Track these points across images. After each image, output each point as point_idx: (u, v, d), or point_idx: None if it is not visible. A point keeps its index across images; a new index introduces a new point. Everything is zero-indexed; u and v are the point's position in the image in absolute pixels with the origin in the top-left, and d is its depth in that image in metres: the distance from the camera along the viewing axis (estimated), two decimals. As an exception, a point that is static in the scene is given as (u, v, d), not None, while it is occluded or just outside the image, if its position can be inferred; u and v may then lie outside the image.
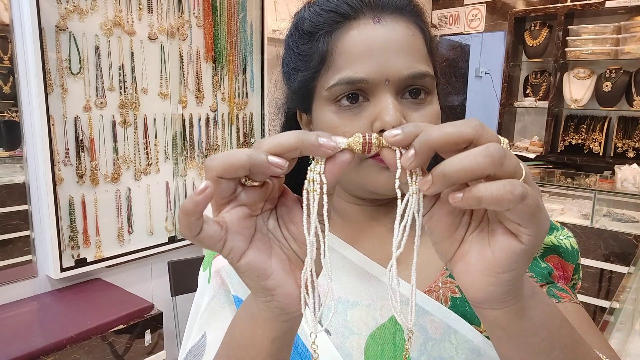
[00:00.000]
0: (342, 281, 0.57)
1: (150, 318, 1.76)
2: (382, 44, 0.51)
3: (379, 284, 0.56)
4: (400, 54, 0.51)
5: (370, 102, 0.51)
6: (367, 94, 0.51)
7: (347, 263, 0.58)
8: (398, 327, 0.54)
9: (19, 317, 1.64)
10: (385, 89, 0.50)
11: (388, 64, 0.50)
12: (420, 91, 0.53)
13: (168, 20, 2.12)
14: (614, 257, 2.50)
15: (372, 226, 0.60)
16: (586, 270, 2.58)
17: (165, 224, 2.23)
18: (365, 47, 0.51)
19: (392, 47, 0.51)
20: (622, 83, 3.44)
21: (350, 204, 0.61)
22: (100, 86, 1.91)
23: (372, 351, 0.53)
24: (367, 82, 0.50)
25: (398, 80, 0.51)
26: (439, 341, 0.52)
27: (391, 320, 0.54)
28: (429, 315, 0.53)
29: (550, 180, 3.23)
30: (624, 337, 1.27)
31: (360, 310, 0.55)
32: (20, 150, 1.74)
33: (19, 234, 1.76)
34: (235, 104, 2.49)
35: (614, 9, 3.39)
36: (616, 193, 2.75)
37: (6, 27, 1.66)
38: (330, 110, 0.53)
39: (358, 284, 0.57)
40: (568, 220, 2.66)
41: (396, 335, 0.53)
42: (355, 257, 0.58)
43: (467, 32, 4.29)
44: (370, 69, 0.50)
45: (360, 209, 0.60)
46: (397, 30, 0.52)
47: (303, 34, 0.56)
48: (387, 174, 0.51)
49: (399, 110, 0.50)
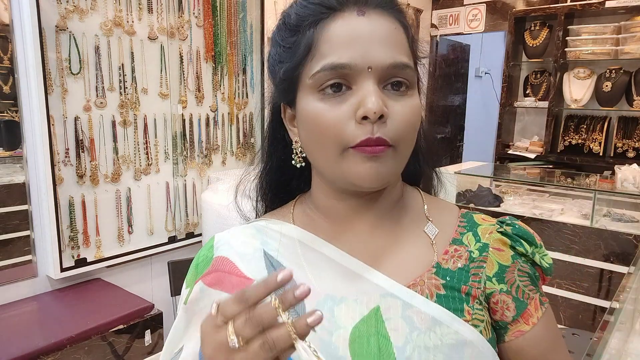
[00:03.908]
0: (325, 279, 0.58)
1: (150, 318, 1.76)
2: (366, 34, 0.52)
3: (361, 279, 0.57)
4: (383, 44, 0.53)
5: (353, 90, 0.52)
6: (350, 81, 0.53)
7: (328, 261, 0.59)
8: (379, 319, 0.55)
9: (19, 317, 1.64)
10: (368, 76, 0.52)
11: (371, 52, 0.52)
12: (401, 84, 0.54)
13: (168, 20, 2.12)
14: (614, 257, 2.50)
15: (355, 222, 0.61)
16: (586, 270, 2.58)
17: (165, 224, 2.23)
18: (350, 36, 0.52)
19: (375, 37, 0.52)
20: (622, 83, 3.44)
21: (333, 200, 0.61)
22: (100, 86, 1.91)
23: (358, 343, 0.54)
24: (350, 68, 0.52)
25: (381, 68, 0.52)
26: (424, 332, 0.54)
27: (372, 312, 0.55)
28: (414, 308, 0.55)
29: (550, 180, 3.23)
30: (624, 337, 1.27)
31: (347, 305, 0.56)
32: (20, 150, 1.74)
33: (19, 234, 1.76)
34: (235, 104, 2.49)
35: (614, 9, 3.39)
36: (616, 193, 2.75)
37: (6, 27, 1.66)
38: (315, 99, 0.54)
39: (341, 280, 0.58)
40: (568, 220, 2.66)
41: (378, 326, 0.55)
42: (335, 255, 0.59)
43: (467, 32, 4.29)
44: (353, 55, 0.52)
45: (344, 205, 0.61)
46: (381, 23, 0.54)
47: (289, 28, 0.57)
48: (370, 163, 0.52)
49: (380, 98, 0.51)
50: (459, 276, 0.58)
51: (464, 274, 0.58)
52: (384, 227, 0.61)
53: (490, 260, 0.60)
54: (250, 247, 0.62)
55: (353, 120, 0.52)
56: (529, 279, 0.60)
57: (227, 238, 0.64)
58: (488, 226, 0.63)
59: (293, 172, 0.64)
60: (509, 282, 0.59)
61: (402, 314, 0.55)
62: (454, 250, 0.60)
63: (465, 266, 0.59)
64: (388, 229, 0.61)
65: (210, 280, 0.61)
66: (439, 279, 0.58)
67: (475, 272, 0.59)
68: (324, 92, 0.53)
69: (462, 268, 0.59)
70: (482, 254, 0.60)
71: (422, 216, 0.64)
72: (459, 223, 0.63)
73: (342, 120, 0.52)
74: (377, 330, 0.55)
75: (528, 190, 3.34)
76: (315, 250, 0.60)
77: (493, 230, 0.62)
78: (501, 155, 4.02)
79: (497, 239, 0.61)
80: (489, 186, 3.20)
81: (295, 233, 0.61)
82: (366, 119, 0.51)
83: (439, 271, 0.58)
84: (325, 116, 0.53)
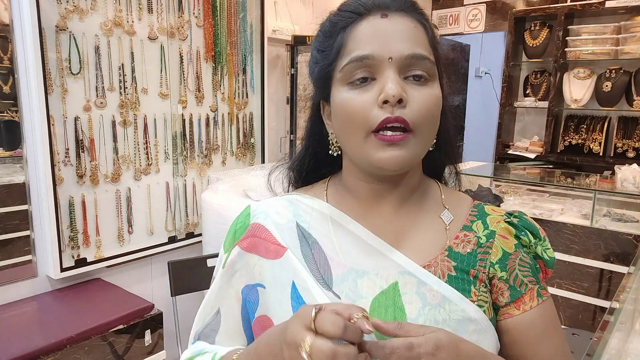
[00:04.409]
0: (351, 253, 0.65)
1: (150, 318, 1.76)
2: (388, 31, 0.60)
3: (383, 257, 0.64)
4: (403, 39, 0.60)
5: (377, 80, 0.60)
6: (374, 73, 0.60)
7: (355, 237, 0.66)
8: (397, 293, 0.62)
9: (19, 317, 1.64)
10: (389, 66, 0.59)
11: (392, 45, 0.59)
12: (421, 76, 0.60)
13: (168, 20, 2.12)
14: (614, 257, 2.50)
15: (380, 204, 0.68)
16: (586, 270, 2.58)
17: (165, 224, 2.23)
18: (373, 33, 0.60)
19: (396, 33, 0.60)
20: (622, 83, 3.44)
21: (360, 181, 0.68)
22: (100, 86, 1.91)
23: (377, 313, 0.61)
24: (373, 59, 0.59)
25: (400, 58, 0.59)
26: (435, 307, 0.61)
27: (391, 287, 0.62)
28: (427, 286, 0.62)
29: (550, 180, 3.23)
30: (624, 337, 1.27)
31: (369, 278, 0.63)
32: (20, 150, 1.74)
33: (19, 234, 1.76)
34: (235, 104, 2.49)
35: (614, 9, 3.39)
36: (616, 193, 2.75)
37: (6, 27, 1.66)
38: (344, 90, 0.61)
39: (365, 256, 0.65)
40: (568, 220, 2.66)
41: (395, 298, 0.62)
42: (361, 233, 0.66)
43: (467, 32, 4.29)
44: (375, 47, 0.59)
45: (369, 187, 0.67)
46: (401, 22, 0.61)
47: (324, 34, 0.65)
48: (390, 150, 0.59)
49: (399, 85, 0.58)
50: (468, 260, 0.65)
51: (472, 258, 0.65)
52: (405, 211, 0.68)
53: (495, 247, 0.66)
54: (284, 218, 0.69)
55: (376, 106, 0.59)
56: (529, 270, 0.66)
57: (263, 207, 0.71)
58: (497, 216, 0.69)
59: (324, 160, 0.73)
60: (509, 269, 0.65)
61: (417, 290, 0.62)
62: (464, 235, 0.67)
63: (474, 251, 0.66)
64: (409, 213, 0.68)
65: (247, 245, 0.69)
66: (450, 261, 0.65)
67: (482, 257, 0.65)
68: (352, 84, 0.61)
69: (471, 253, 0.65)
70: (489, 240, 0.66)
71: (439, 204, 0.70)
72: (471, 212, 0.70)
73: (367, 105, 0.59)
74: (394, 302, 0.62)
75: (528, 190, 3.34)
76: (344, 227, 0.67)
77: (501, 220, 0.68)
78: (501, 155, 4.02)
79: (503, 227, 0.68)
80: (489, 186, 3.20)
81: (327, 210, 0.69)
82: (386, 103, 0.58)
83: (451, 254, 0.65)
84: (353, 102, 0.60)
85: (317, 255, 0.66)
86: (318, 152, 0.73)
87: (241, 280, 0.69)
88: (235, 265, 0.69)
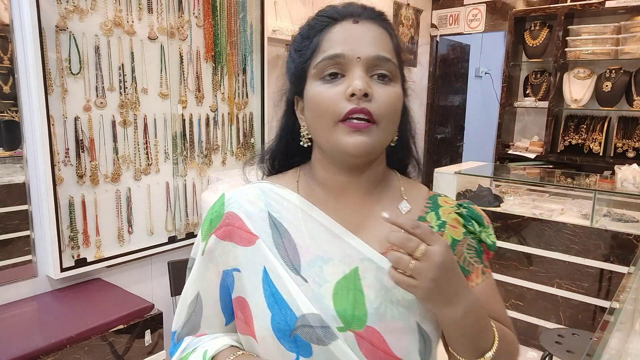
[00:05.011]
0: (318, 241, 0.72)
1: (150, 318, 1.76)
2: (358, 34, 0.68)
3: (346, 244, 0.72)
4: (370, 42, 0.68)
5: (346, 77, 0.67)
6: (344, 70, 0.67)
7: (322, 227, 0.73)
8: (357, 277, 0.70)
9: (19, 317, 1.64)
10: (357, 65, 0.67)
11: (360, 47, 0.67)
12: (385, 76, 0.68)
13: (168, 20, 2.12)
14: (614, 257, 2.50)
15: (346, 195, 0.75)
16: (586, 270, 2.58)
17: (165, 224, 2.24)
18: (345, 36, 0.68)
19: (364, 37, 0.68)
20: (622, 83, 3.44)
21: (329, 173, 0.74)
22: (100, 86, 1.91)
23: (340, 295, 0.69)
24: (343, 57, 0.67)
25: (367, 58, 0.67)
26: (391, 289, 0.69)
27: (352, 271, 0.70)
28: (385, 271, 0.68)
29: (550, 180, 3.23)
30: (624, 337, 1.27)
31: (333, 264, 0.71)
32: (20, 150, 1.74)
33: (19, 234, 1.76)
34: (235, 104, 2.49)
35: (614, 9, 3.39)
36: (616, 193, 2.75)
37: (6, 27, 1.66)
38: (317, 84, 0.69)
39: (330, 244, 0.72)
40: (568, 220, 2.66)
41: (356, 282, 0.69)
42: (328, 222, 0.73)
43: (467, 32, 4.29)
44: (346, 48, 0.67)
45: (337, 179, 0.74)
46: (370, 29, 0.69)
47: (302, 36, 0.73)
48: (356, 136, 0.66)
49: (366, 81, 0.66)
50: None
51: None
52: (369, 201, 0.75)
53: (446, 235, 0.75)
54: (256, 208, 0.75)
55: (345, 98, 0.66)
56: (475, 252, 0.76)
57: (236, 197, 0.77)
58: (448, 207, 0.78)
59: (295, 151, 0.79)
60: (458, 253, 0.74)
61: (375, 274, 0.70)
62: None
63: None
64: (371, 204, 0.75)
65: (222, 233, 0.74)
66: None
67: None
68: (324, 79, 0.68)
69: None
70: (441, 229, 0.75)
71: (398, 195, 0.78)
72: (426, 204, 0.79)
73: (336, 98, 0.67)
74: (354, 285, 0.69)
75: (528, 190, 3.34)
76: (312, 217, 0.74)
77: (451, 211, 0.78)
78: (501, 155, 4.02)
79: (453, 218, 0.77)
80: (489, 186, 3.20)
81: (298, 201, 0.75)
82: (353, 96, 0.65)
83: None
84: (324, 95, 0.67)
85: (287, 243, 0.72)
86: (290, 143, 0.80)
87: (219, 265, 0.75)
88: (214, 252, 0.75)
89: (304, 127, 0.75)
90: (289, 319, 0.67)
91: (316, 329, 0.66)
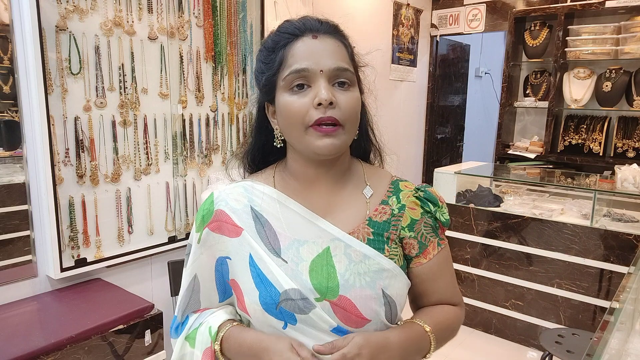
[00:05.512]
0: (294, 227, 0.84)
1: (150, 318, 1.76)
2: (319, 49, 0.79)
3: (317, 227, 0.83)
4: (329, 56, 0.79)
5: (312, 88, 0.78)
6: (309, 81, 0.78)
7: (296, 214, 0.85)
8: (329, 255, 0.82)
9: (19, 317, 1.64)
10: (321, 77, 0.77)
11: (322, 61, 0.78)
12: (344, 83, 0.79)
13: (168, 20, 2.12)
14: (614, 257, 2.50)
15: (316, 185, 0.86)
16: (586, 270, 2.58)
17: (165, 224, 2.24)
18: (307, 51, 0.79)
19: (324, 51, 0.79)
20: (622, 83, 3.44)
21: (301, 167, 0.86)
22: (100, 86, 1.91)
23: (315, 271, 0.81)
24: (308, 71, 0.77)
25: (328, 70, 0.78)
26: (358, 263, 0.81)
27: (324, 250, 0.82)
28: (352, 248, 0.82)
29: (550, 180, 3.23)
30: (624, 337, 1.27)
31: (308, 245, 0.83)
32: (20, 150, 1.74)
33: (19, 234, 1.76)
34: (235, 104, 2.49)
35: (614, 9, 3.39)
36: (616, 193, 2.75)
37: (6, 27, 1.66)
38: (287, 95, 0.79)
39: (304, 228, 0.84)
40: (568, 220, 2.66)
41: (328, 259, 0.82)
42: (301, 210, 0.85)
43: (467, 32, 4.29)
44: (310, 62, 0.78)
45: (308, 171, 0.86)
46: (328, 43, 0.80)
47: (267, 50, 0.83)
48: (325, 140, 0.77)
49: (330, 91, 0.77)
50: (383, 226, 0.86)
51: (386, 225, 0.86)
52: (336, 189, 0.87)
53: (405, 216, 0.87)
54: (240, 204, 0.87)
55: (312, 107, 0.77)
56: (431, 229, 0.89)
57: (223, 195, 0.89)
58: (407, 192, 0.89)
59: (271, 150, 0.91)
60: (416, 230, 0.87)
61: (344, 252, 0.82)
62: (382, 208, 0.87)
63: (388, 219, 0.86)
64: (339, 191, 0.87)
65: (214, 227, 0.87)
66: (370, 229, 0.85)
67: (395, 223, 0.86)
68: (292, 90, 0.79)
69: (386, 221, 0.86)
70: (401, 211, 0.87)
71: (362, 181, 0.90)
72: (388, 189, 0.90)
73: (305, 107, 0.77)
74: (327, 262, 0.81)
75: (528, 190, 3.34)
76: (288, 207, 0.85)
77: (410, 195, 0.89)
78: (501, 155, 4.02)
79: (412, 200, 0.88)
80: (489, 186, 3.20)
81: (275, 194, 0.87)
82: (320, 105, 0.76)
83: (370, 223, 0.86)
84: (294, 105, 0.78)
85: (268, 231, 0.84)
86: (265, 144, 0.91)
87: (213, 251, 0.88)
88: (207, 242, 0.88)
89: (277, 129, 0.85)
90: (274, 294, 0.80)
91: (297, 301, 0.79)
